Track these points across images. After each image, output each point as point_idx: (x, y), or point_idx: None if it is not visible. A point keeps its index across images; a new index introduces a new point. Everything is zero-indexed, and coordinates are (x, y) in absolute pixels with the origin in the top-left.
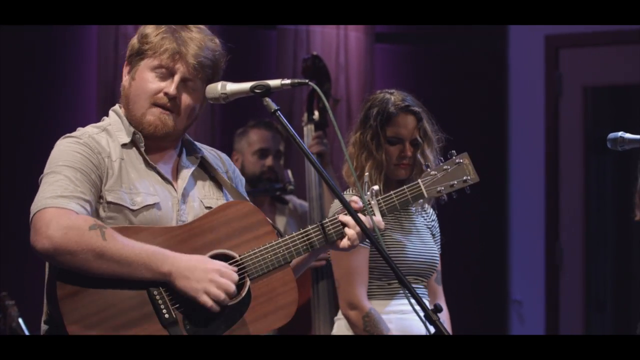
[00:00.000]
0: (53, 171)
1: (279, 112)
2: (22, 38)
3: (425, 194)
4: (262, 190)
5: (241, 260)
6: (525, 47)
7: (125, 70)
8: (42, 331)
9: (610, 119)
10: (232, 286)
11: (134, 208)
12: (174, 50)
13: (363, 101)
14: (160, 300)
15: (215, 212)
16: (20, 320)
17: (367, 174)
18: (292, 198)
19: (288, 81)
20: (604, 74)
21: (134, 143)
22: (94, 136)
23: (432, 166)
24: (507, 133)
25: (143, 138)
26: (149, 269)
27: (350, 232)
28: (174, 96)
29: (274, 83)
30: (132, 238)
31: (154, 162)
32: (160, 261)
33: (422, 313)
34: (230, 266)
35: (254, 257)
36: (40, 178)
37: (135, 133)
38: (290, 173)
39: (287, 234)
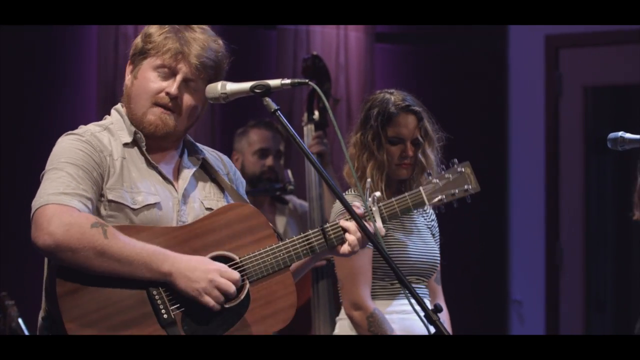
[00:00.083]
0: (55, 168)
1: (279, 112)
2: (22, 38)
3: (426, 202)
4: (262, 190)
5: (241, 262)
6: (525, 47)
7: (128, 69)
8: (40, 328)
9: (610, 119)
10: (233, 287)
11: (135, 207)
12: (177, 50)
13: (363, 101)
14: (159, 300)
15: (216, 214)
16: (20, 320)
17: (369, 180)
18: (292, 198)
19: (288, 81)
20: (604, 74)
21: (136, 142)
22: (96, 134)
23: (434, 174)
24: (507, 133)
25: (144, 138)
26: (150, 269)
27: (350, 238)
28: (176, 96)
29: (274, 83)
30: (133, 237)
31: (156, 162)
32: (160, 261)
33: (423, 313)
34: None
35: (254, 260)
36: (41, 174)
37: (136, 132)
38: (290, 173)
39: (287, 234)
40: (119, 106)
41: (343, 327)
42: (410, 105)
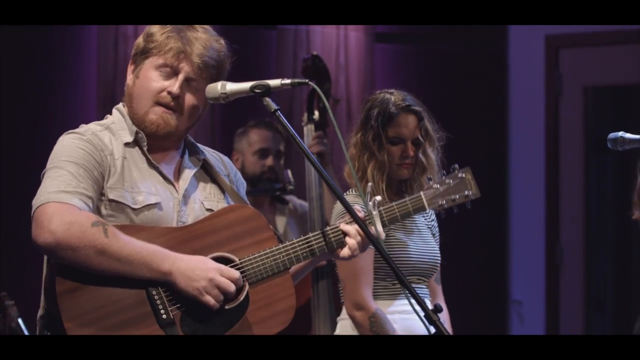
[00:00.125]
0: (56, 166)
1: (279, 112)
2: (22, 38)
3: (426, 207)
4: (262, 190)
5: (241, 264)
6: (525, 47)
7: (129, 69)
8: (38, 325)
9: (610, 119)
10: (233, 286)
11: (136, 207)
12: (179, 49)
13: (363, 102)
14: (158, 300)
15: (217, 215)
16: (19, 320)
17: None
18: (292, 198)
19: (288, 81)
20: (604, 74)
21: (137, 142)
22: (97, 133)
23: (435, 179)
24: (507, 133)
25: (145, 137)
26: (150, 268)
27: (351, 242)
28: (177, 95)
29: (274, 83)
30: (133, 237)
31: (156, 162)
32: (160, 260)
33: (423, 313)
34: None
35: (254, 262)
36: (42, 173)
37: (138, 132)
38: (290, 173)
39: (288, 234)
40: (121, 105)
41: (345, 327)
42: (410, 105)
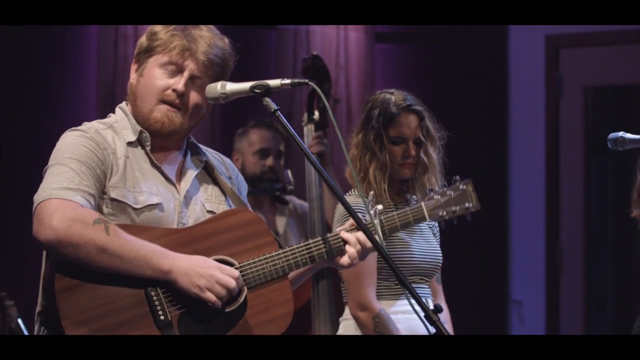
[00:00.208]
0: (59, 163)
1: (279, 112)
2: (22, 38)
3: (427, 218)
4: (262, 190)
5: (240, 268)
6: (525, 47)
7: (133, 68)
8: (36, 323)
9: (610, 119)
10: (233, 282)
11: (137, 207)
12: (184, 46)
13: (363, 102)
14: (157, 301)
15: (218, 218)
16: (19, 320)
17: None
18: (292, 198)
19: (288, 81)
20: (605, 74)
21: (140, 142)
22: (100, 131)
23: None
24: (508, 133)
25: (149, 137)
26: (150, 266)
27: (350, 251)
28: (182, 92)
29: (274, 83)
30: (135, 237)
31: (159, 162)
32: (161, 259)
33: (423, 314)
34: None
35: (253, 267)
36: (44, 169)
37: (141, 132)
38: (290, 173)
39: (288, 235)
40: (124, 104)
41: (348, 328)
42: (411, 104)
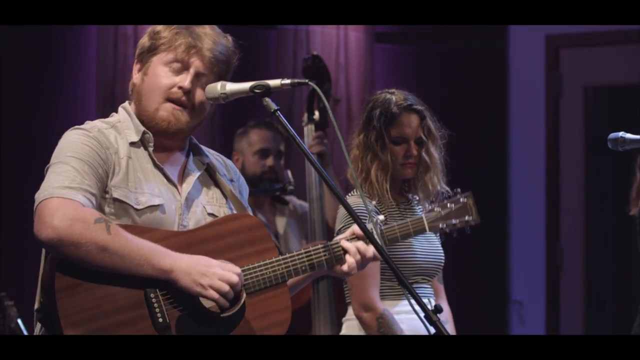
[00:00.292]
0: (61, 161)
1: (279, 112)
2: (22, 38)
3: (427, 229)
4: (262, 190)
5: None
6: (525, 47)
7: (135, 68)
8: (35, 320)
9: (610, 119)
10: (236, 278)
11: (138, 207)
12: (190, 44)
13: (364, 102)
14: (156, 303)
15: (220, 222)
16: (19, 320)
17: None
18: (292, 199)
19: (288, 81)
20: (605, 74)
21: (142, 142)
22: (103, 131)
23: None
24: (508, 133)
25: (152, 137)
26: (151, 265)
27: (350, 260)
28: (188, 90)
29: (274, 83)
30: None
31: (161, 163)
32: (162, 258)
33: (423, 314)
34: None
35: (253, 272)
36: (46, 167)
37: (145, 132)
38: (290, 173)
39: (288, 235)
40: (127, 104)
41: (351, 328)
42: (412, 104)
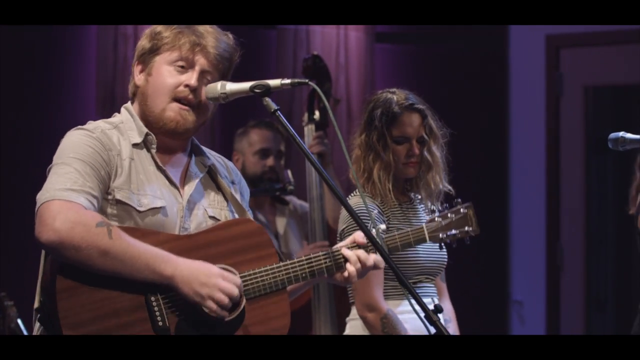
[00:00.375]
0: (64, 162)
1: (279, 112)
2: (22, 38)
3: (427, 239)
4: (262, 190)
5: (241, 278)
6: (525, 47)
7: (136, 70)
8: (34, 320)
9: (611, 119)
10: (236, 290)
11: (141, 209)
12: (194, 42)
13: (365, 102)
14: (156, 306)
15: (221, 227)
16: (18, 320)
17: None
18: (293, 199)
19: (288, 81)
20: (605, 74)
21: (145, 144)
22: (106, 132)
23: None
24: (508, 133)
25: (155, 139)
26: (152, 271)
27: (350, 269)
28: (195, 88)
29: (274, 83)
30: (138, 240)
31: (163, 165)
32: (163, 264)
33: (423, 314)
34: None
35: (253, 278)
36: (48, 168)
37: (148, 134)
38: (290, 173)
39: (288, 235)
40: (129, 105)
41: (355, 328)
42: (413, 103)
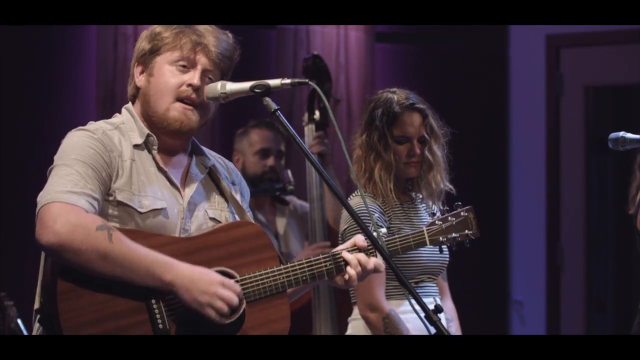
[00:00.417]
0: (65, 164)
1: (279, 112)
2: (22, 38)
3: (427, 243)
4: (262, 190)
5: (241, 281)
6: (526, 47)
7: (136, 71)
8: (34, 320)
9: (611, 119)
10: (236, 298)
11: (142, 211)
12: (195, 41)
13: (365, 102)
14: (157, 309)
15: (222, 230)
16: (18, 320)
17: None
18: (293, 199)
19: (288, 81)
20: (605, 74)
21: (146, 145)
22: (108, 132)
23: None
24: (508, 133)
25: (156, 140)
26: (152, 276)
27: (351, 272)
28: (198, 87)
29: (274, 83)
30: (139, 243)
31: (164, 166)
32: (163, 270)
33: (423, 314)
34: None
35: (254, 281)
36: (49, 168)
37: (149, 135)
38: (290, 173)
39: (288, 235)
40: (130, 105)
41: (357, 328)
42: (414, 103)
